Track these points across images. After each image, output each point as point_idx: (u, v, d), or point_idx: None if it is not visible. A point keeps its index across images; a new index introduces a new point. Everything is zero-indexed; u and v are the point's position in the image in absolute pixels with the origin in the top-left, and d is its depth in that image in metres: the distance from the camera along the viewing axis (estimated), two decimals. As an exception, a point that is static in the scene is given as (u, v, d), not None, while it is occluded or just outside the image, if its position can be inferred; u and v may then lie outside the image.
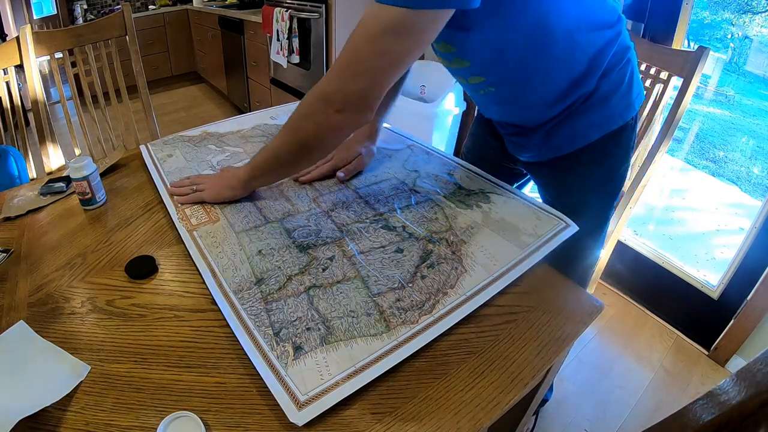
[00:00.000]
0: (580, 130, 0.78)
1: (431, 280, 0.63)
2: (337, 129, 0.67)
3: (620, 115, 0.77)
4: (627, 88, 0.76)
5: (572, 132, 0.78)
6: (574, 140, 0.79)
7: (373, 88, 0.62)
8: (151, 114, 1.51)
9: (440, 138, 2.20)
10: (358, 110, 0.64)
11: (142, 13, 3.99)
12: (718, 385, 0.28)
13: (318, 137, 0.68)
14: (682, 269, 1.58)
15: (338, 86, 0.63)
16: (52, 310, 0.61)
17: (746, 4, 1.79)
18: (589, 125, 0.77)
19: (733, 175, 2.28)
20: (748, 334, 1.38)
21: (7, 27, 3.75)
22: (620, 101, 0.76)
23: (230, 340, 0.55)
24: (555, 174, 0.86)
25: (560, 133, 0.79)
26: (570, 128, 0.77)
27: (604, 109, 0.75)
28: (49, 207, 0.86)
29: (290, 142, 0.72)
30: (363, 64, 0.60)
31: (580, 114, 0.76)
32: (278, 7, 2.38)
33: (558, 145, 0.81)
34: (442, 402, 0.49)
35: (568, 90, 0.73)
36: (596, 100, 0.74)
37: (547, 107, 0.76)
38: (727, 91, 2.20)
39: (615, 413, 1.30)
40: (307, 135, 0.69)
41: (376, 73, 0.61)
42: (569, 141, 0.79)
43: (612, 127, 0.77)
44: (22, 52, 1.22)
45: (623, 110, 0.77)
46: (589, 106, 0.75)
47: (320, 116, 0.65)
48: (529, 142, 0.84)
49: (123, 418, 0.47)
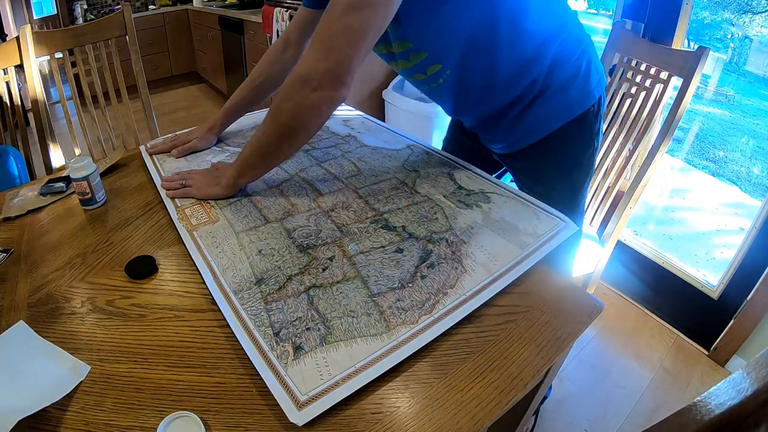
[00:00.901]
0: (542, 120, 0.83)
1: (431, 280, 0.63)
2: (315, 108, 0.69)
3: (579, 104, 0.82)
4: (584, 77, 0.81)
5: (534, 122, 0.83)
6: (537, 130, 0.84)
7: (342, 63, 0.66)
8: (151, 114, 1.51)
9: (440, 138, 2.19)
10: (332, 87, 0.67)
11: (142, 13, 3.99)
12: (718, 385, 0.28)
13: (298, 119, 0.70)
14: (682, 269, 1.58)
15: (311, 66, 0.66)
16: (52, 310, 0.61)
17: (746, 4, 1.79)
18: (550, 116, 0.82)
19: (733, 175, 2.28)
20: (748, 334, 1.38)
21: (7, 27, 3.75)
22: (578, 90, 0.81)
23: (230, 340, 0.55)
24: (524, 163, 0.92)
25: (523, 123, 0.84)
26: (532, 118, 0.83)
27: (562, 99, 0.81)
28: (49, 207, 0.86)
29: (273, 130, 0.73)
30: (330, 41, 0.65)
31: (540, 105, 0.81)
32: (278, 7, 2.38)
33: (522, 135, 0.86)
34: (442, 402, 0.49)
35: (519, 74, 0.78)
36: (553, 90, 0.80)
37: (501, 91, 0.81)
38: (727, 91, 2.20)
39: (615, 413, 1.30)
40: (288, 118, 0.71)
41: (343, 49, 0.65)
42: (532, 131, 0.85)
43: (572, 115, 0.82)
44: (22, 52, 1.22)
45: (582, 98, 0.82)
46: (548, 97, 0.80)
47: (298, 97, 0.68)
48: (496, 133, 0.90)
49: (123, 418, 0.47)
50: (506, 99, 0.82)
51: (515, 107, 0.83)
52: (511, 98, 0.82)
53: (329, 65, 0.65)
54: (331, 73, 0.66)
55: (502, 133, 0.88)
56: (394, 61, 0.84)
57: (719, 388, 0.28)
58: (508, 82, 0.79)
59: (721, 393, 0.28)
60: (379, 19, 0.64)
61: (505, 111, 0.84)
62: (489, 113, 0.86)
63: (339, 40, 0.64)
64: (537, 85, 0.80)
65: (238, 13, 3.00)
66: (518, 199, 0.81)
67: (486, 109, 0.86)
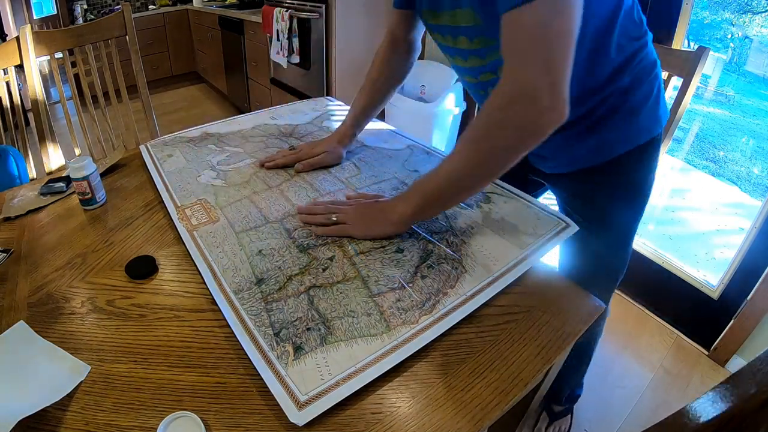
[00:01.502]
0: (607, 143, 0.76)
1: (431, 280, 0.63)
2: (542, 129, 0.60)
3: (648, 130, 0.76)
4: (655, 101, 0.75)
5: (599, 144, 0.76)
6: (601, 153, 0.77)
7: (564, 74, 0.58)
8: (151, 114, 1.51)
9: (440, 138, 2.20)
10: (563, 103, 0.58)
11: (142, 13, 3.99)
12: (718, 385, 0.28)
13: (522, 142, 0.61)
14: (682, 269, 1.58)
15: (534, 82, 0.57)
16: (52, 310, 0.61)
17: (746, 4, 1.79)
18: (616, 139, 0.76)
19: (733, 175, 2.28)
20: (748, 334, 1.38)
21: (7, 27, 3.75)
22: (649, 115, 0.75)
23: (230, 340, 0.55)
24: (577, 185, 0.85)
25: (586, 144, 0.77)
26: (596, 140, 0.76)
27: (633, 123, 0.74)
28: (49, 207, 0.86)
29: (479, 159, 0.63)
30: (546, 52, 0.56)
31: (608, 126, 0.74)
32: (278, 7, 2.38)
33: (582, 156, 0.79)
34: (442, 402, 0.49)
35: (595, 90, 0.72)
36: (625, 111, 0.73)
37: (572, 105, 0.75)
38: (727, 91, 2.20)
39: (615, 413, 1.30)
40: (508, 142, 0.61)
41: (563, 59, 0.57)
42: (595, 153, 0.78)
43: (640, 141, 0.76)
44: (22, 52, 1.22)
45: (651, 124, 0.76)
46: (618, 119, 0.74)
47: (524, 119, 0.59)
48: (548, 149, 0.80)
49: (123, 418, 0.47)
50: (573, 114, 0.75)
51: (577, 126, 0.75)
52: (577, 114, 0.73)
53: (554, 79, 0.57)
54: (557, 88, 0.57)
55: (554, 147, 0.77)
56: (448, 52, 0.78)
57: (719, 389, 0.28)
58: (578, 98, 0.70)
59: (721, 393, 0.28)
60: (578, 17, 0.56)
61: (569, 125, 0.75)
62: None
63: (555, 49, 0.56)
64: (607, 104, 0.73)
65: (238, 13, 3.00)
66: (518, 199, 0.81)
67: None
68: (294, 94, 2.61)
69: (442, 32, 0.76)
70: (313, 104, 1.28)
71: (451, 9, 0.71)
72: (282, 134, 1.08)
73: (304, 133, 1.09)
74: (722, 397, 0.27)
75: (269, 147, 1.01)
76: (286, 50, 2.41)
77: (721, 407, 0.27)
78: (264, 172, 0.91)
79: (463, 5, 0.68)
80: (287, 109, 1.24)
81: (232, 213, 0.78)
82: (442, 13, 0.73)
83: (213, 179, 0.89)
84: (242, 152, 0.99)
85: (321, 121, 1.16)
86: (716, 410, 0.27)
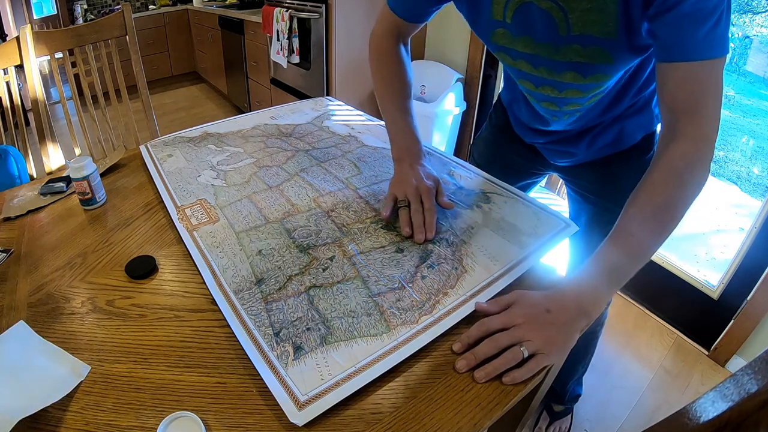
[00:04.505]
0: (628, 132, 0.79)
1: (431, 280, 0.63)
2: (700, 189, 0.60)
3: (658, 116, 0.79)
4: None
5: (620, 133, 0.80)
6: (622, 141, 0.81)
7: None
8: (151, 114, 1.51)
9: (440, 138, 2.20)
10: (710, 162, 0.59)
11: (142, 13, 3.99)
12: (718, 385, 0.28)
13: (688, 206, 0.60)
14: (682, 269, 1.58)
15: (705, 143, 0.57)
16: (52, 310, 0.61)
17: (746, 4, 1.79)
18: (637, 127, 0.79)
19: (733, 175, 2.28)
20: (748, 334, 1.38)
21: (7, 27, 3.76)
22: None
23: (230, 340, 0.55)
24: (598, 172, 0.86)
25: (607, 135, 0.80)
26: (618, 131, 0.79)
27: (649, 112, 0.78)
28: (49, 207, 0.86)
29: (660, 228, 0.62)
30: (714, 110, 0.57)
31: (628, 117, 0.78)
32: (278, 7, 2.38)
33: (604, 146, 0.82)
34: (442, 402, 0.49)
35: (625, 101, 0.75)
36: (642, 104, 0.77)
37: (598, 116, 0.78)
38: (727, 91, 2.20)
39: (615, 413, 1.30)
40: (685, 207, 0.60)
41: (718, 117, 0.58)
42: (616, 142, 0.81)
43: (653, 128, 0.80)
44: (22, 52, 1.22)
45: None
46: (637, 110, 0.78)
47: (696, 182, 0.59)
48: (573, 148, 0.84)
49: (123, 418, 0.47)
50: (599, 120, 0.78)
51: (602, 124, 0.79)
52: (604, 120, 0.78)
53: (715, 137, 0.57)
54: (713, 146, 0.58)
55: (582, 147, 0.83)
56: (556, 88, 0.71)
57: (719, 389, 0.28)
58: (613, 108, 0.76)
59: (721, 393, 0.28)
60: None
61: (592, 128, 0.81)
62: (573, 130, 0.82)
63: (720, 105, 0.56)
64: (636, 106, 0.77)
65: (238, 13, 3.00)
66: (518, 199, 0.81)
67: (572, 129, 0.82)
68: (294, 94, 2.61)
69: (533, 62, 0.69)
70: (313, 104, 1.28)
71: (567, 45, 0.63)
72: (282, 134, 1.08)
73: (304, 132, 1.09)
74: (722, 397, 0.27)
75: (269, 147, 1.01)
76: (286, 50, 2.41)
77: (721, 407, 0.27)
78: (264, 171, 0.91)
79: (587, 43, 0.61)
80: (287, 109, 1.24)
81: (232, 213, 0.78)
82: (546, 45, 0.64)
83: (213, 179, 0.89)
84: (242, 152, 0.99)
85: (321, 121, 1.16)
86: (716, 410, 0.27)
